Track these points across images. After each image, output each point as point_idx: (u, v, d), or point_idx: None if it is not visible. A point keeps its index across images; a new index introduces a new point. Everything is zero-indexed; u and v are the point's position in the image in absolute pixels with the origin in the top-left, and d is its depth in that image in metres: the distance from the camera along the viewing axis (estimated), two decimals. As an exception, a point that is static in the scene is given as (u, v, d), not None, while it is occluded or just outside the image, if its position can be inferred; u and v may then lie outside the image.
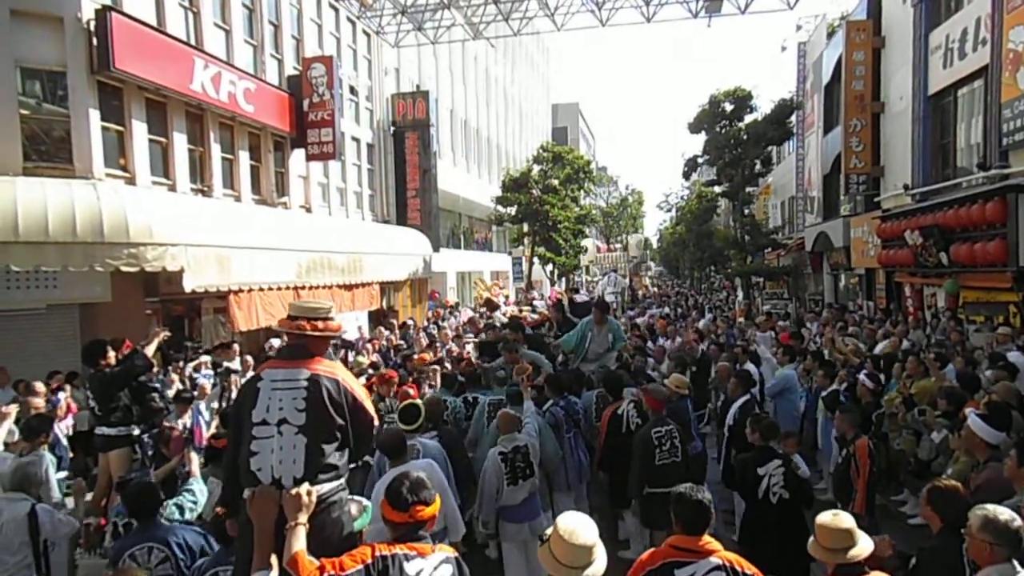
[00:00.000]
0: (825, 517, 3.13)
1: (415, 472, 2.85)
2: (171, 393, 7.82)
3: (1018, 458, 3.87)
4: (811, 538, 3.17)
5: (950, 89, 14.07)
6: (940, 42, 14.06)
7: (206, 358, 10.05)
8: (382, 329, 15.30)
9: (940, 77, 14.20)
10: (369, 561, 2.53)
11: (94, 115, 10.31)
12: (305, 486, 2.74)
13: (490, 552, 6.12)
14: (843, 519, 3.07)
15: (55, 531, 4.42)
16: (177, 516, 4.35)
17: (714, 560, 2.92)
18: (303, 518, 2.66)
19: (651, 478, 5.44)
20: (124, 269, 9.13)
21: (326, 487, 2.83)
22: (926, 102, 14.83)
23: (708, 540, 3.00)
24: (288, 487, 2.75)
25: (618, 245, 62.53)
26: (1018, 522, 2.92)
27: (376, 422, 3.23)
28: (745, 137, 23.77)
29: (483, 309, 13.13)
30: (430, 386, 7.78)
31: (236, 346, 10.72)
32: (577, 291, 11.24)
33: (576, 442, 6.29)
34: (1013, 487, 3.84)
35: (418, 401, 5.68)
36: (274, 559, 2.64)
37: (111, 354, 6.36)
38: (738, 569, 2.93)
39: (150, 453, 6.13)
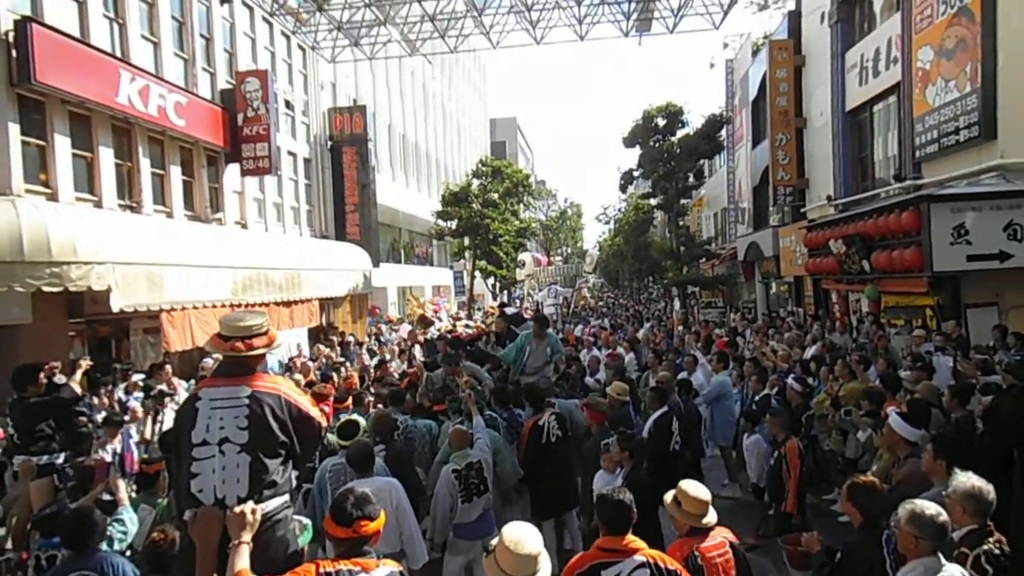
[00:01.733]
0: (692, 487, 3.57)
1: (359, 488, 2.83)
2: (100, 418, 7.48)
3: (934, 452, 4.10)
4: (670, 499, 3.60)
5: (866, 105, 14.88)
6: (856, 61, 14.86)
7: (139, 377, 9.66)
8: (320, 347, 15.02)
9: (856, 94, 14.99)
10: None
11: (13, 129, 9.85)
12: (249, 504, 2.68)
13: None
14: (705, 491, 3.57)
15: None
16: (105, 547, 4.17)
17: (638, 558, 3.02)
18: (247, 537, 2.61)
19: None
20: (46, 289, 8.67)
21: (271, 505, 2.79)
22: (844, 117, 15.62)
23: (632, 539, 3.09)
24: (232, 507, 2.69)
25: (558, 258, 63.17)
26: (944, 517, 3.07)
27: (324, 426, 3.18)
28: (678, 151, 24.45)
29: (418, 326, 13.12)
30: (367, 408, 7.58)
31: (169, 367, 10.33)
32: (505, 306, 11.28)
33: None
34: (931, 480, 4.07)
35: (357, 417, 5.62)
36: None
37: (42, 379, 6.06)
38: (661, 565, 3.02)
39: (69, 485, 5.85)
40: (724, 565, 3.41)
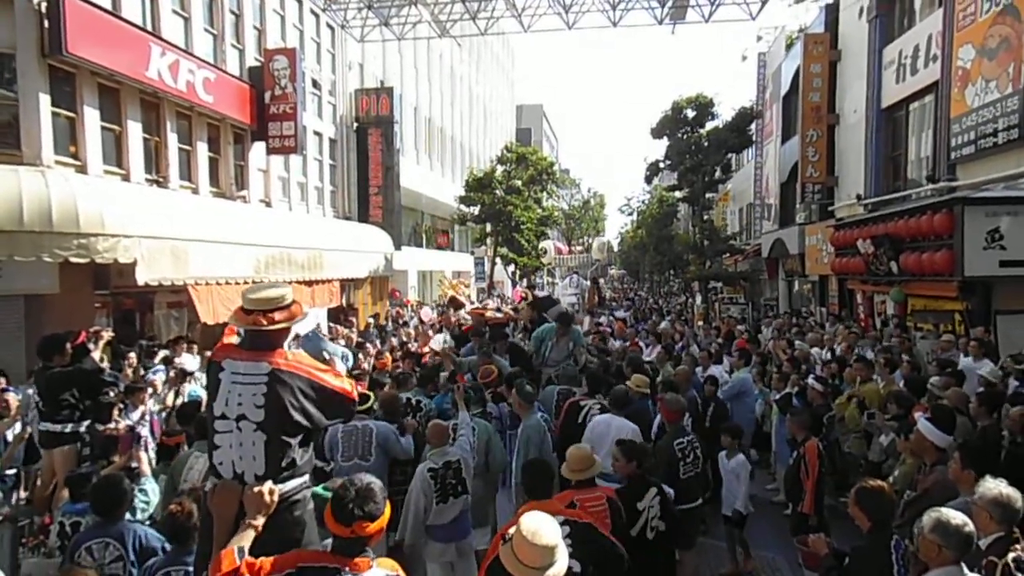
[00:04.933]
0: (575, 449, 4.15)
1: (365, 477, 2.58)
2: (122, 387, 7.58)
3: (962, 460, 4.01)
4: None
5: (902, 103, 14.54)
6: (893, 57, 14.52)
7: (165, 352, 9.77)
8: (339, 327, 15.09)
9: (893, 91, 14.66)
10: (290, 571, 2.42)
11: (44, 100, 9.95)
12: (268, 484, 2.66)
13: None
14: (585, 451, 4.17)
15: None
16: (127, 517, 4.23)
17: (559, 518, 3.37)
18: (260, 521, 2.59)
19: (676, 494, 4.92)
20: (73, 260, 8.81)
21: (289, 485, 2.76)
22: (879, 115, 15.29)
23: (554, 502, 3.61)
24: (250, 484, 2.68)
25: (579, 247, 62.87)
26: (970, 527, 2.99)
27: (353, 395, 3.06)
28: (706, 143, 24.16)
29: (448, 307, 13.14)
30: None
31: (184, 343, 10.40)
32: (534, 287, 11.16)
33: None
34: (958, 488, 3.98)
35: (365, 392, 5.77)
36: None
37: (68, 349, 6.14)
38: (579, 521, 3.47)
39: (91, 453, 5.95)
40: (600, 513, 3.87)
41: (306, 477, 2.89)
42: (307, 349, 4.12)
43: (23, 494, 6.71)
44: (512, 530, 2.79)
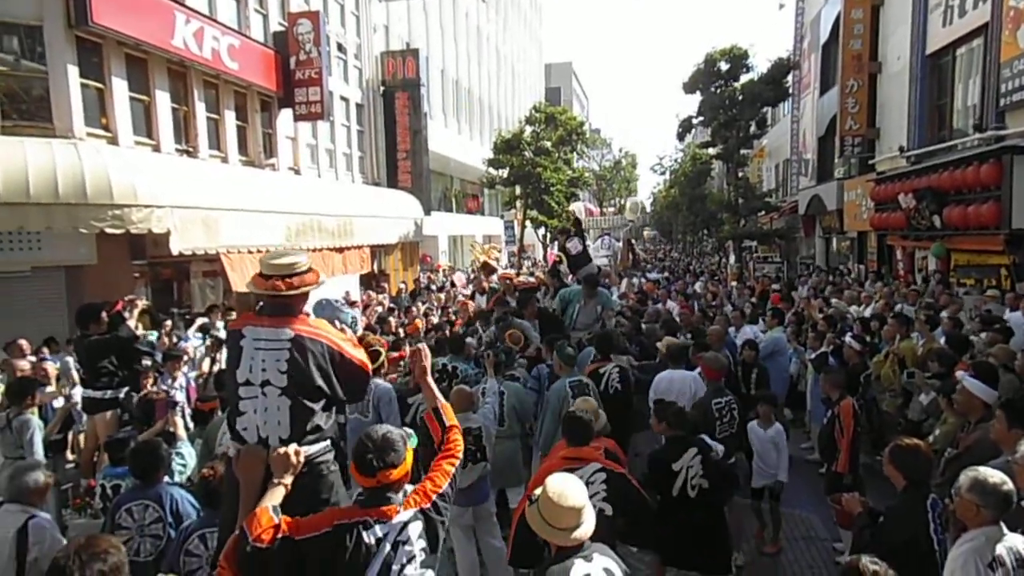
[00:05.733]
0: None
1: (381, 428, 2.62)
2: (159, 356, 7.75)
3: (1007, 419, 3.87)
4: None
5: (949, 48, 13.86)
6: (940, -1, 13.81)
7: (203, 320, 9.96)
8: (371, 293, 15.22)
9: (939, 36, 13.98)
10: (327, 529, 2.46)
11: (73, 72, 10.02)
12: (293, 446, 2.71)
13: None
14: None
15: (48, 550, 3.55)
16: (166, 479, 4.34)
17: (596, 464, 3.79)
18: (288, 479, 2.64)
19: None
20: (109, 231, 8.97)
21: (314, 448, 2.81)
22: (924, 62, 14.63)
23: (589, 449, 3.88)
24: (274, 447, 2.73)
25: (611, 208, 62.07)
26: (1008, 485, 2.90)
27: (370, 368, 3.12)
28: (740, 97, 23.47)
29: (481, 272, 13.14)
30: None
31: (219, 311, 10.57)
32: (568, 234, 10.95)
33: None
34: (1000, 447, 3.85)
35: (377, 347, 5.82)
36: None
37: (104, 318, 6.29)
38: (612, 470, 3.78)
39: (127, 417, 6.12)
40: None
41: (329, 442, 2.93)
42: (320, 316, 4.15)
43: (70, 457, 6.98)
44: (538, 491, 2.77)
